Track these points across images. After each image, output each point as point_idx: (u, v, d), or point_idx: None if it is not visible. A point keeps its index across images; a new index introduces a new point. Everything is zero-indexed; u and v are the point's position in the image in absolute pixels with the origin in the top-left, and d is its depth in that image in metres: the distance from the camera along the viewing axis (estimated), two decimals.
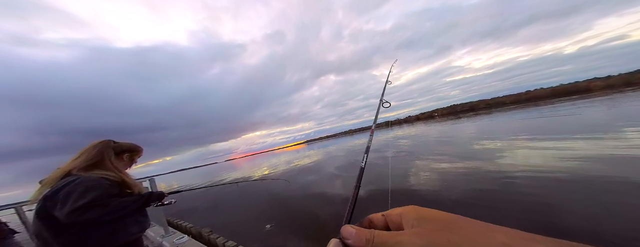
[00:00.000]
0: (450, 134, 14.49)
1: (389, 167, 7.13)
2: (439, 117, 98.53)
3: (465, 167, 5.24)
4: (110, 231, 0.96)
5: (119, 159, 1.14)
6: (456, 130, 16.65)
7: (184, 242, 2.10)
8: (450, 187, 4.01)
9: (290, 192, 5.90)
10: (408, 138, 16.48)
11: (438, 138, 13.20)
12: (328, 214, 3.73)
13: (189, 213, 5.61)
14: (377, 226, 0.17)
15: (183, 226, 3.07)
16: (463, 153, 7.00)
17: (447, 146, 9.18)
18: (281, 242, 2.78)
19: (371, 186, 5.02)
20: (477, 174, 4.46)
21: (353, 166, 9.07)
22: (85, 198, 0.86)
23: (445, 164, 6.06)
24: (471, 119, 28.43)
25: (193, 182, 18.02)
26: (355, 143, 23.59)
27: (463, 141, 10.10)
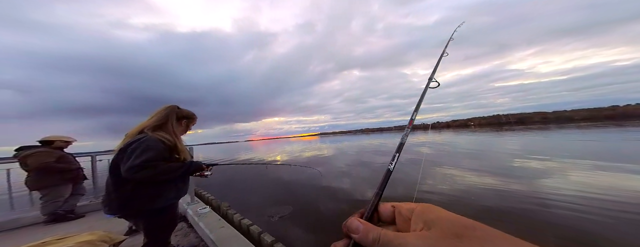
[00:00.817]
0: (486, 146, 12.92)
1: (420, 169, 6.74)
2: (475, 127, 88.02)
3: (495, 183, 4.69)
4: (153, 193, 1.12)
5: (178, 124, 1.28)
6: (494, 143, 14.81)
7: (206, 213, 2.36)
8: (472, 200, 3.69)
9: (317, 183, 5.88)
10: (432, 145, 15.23)
11: (469, 149, 11.90)
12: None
13: (208, 186, 6.29)
14: (383, 216, 0.16)
15: (205, 196, 3.46)
16: (497, 168, 6.28)
17: (479, 159, 8.28)
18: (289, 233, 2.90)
19: (387, 190, 4.84)
20: (509, 192, 3.99)
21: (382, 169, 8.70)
22: (141, 158, 1.00)
23: (472, 176, 5.50)
24: (518, 133, 24.59)
25: (218, 157, 20.08)
26: (373, 144, 22.71)
27: (500, 155, 8.94)
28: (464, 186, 4.72)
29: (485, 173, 5.71)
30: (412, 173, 6.37)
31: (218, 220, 2.25)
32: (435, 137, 26.95)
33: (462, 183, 4.95)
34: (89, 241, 1.57)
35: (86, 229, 2.05)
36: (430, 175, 6.11)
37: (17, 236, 2.08)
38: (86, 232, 1.75)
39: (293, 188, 5.48)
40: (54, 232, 2.10)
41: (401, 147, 0.31)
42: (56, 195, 2.33)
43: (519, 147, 11.68)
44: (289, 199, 4.47)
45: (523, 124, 73.43)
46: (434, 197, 4.01)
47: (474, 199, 3.74)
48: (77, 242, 1.52)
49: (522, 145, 12.35)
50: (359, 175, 6.95)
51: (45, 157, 2.29)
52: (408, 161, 8.79)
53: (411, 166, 7.58)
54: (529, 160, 7.31)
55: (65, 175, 2.44)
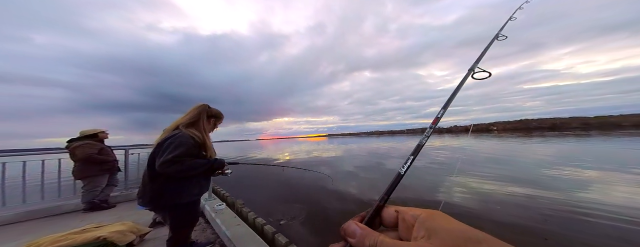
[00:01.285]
0: (511, 152, 11.84)
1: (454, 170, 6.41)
2: (499, 132, 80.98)
3: (521, 193, 4.33)
4: (180, 188, 1.19)
5: (208, 122, 1.36)
6: (521, 149, 13.51)
7: (222, 209, 2.44)
8: (492, 211, 3.43)
9: (326, 187, 5.79)
10: (448, 150, 14.36)
11: (491, 155, 11.03)
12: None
13: (221, 183, 6.52)
14: (386, 221, 0.15)
15: (221, 193, 3.59)
16: (522, 177, 5.75)
17: (502, 165, 7.62)
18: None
19: (395, 194, 4.67)
20: (537, 204, 3.65)
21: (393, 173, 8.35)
22: (173, 153, 1.08)
23: (492, 185, 5.13)
24: (550, 139, 22.09)
25: (232, 154, 20.73)
26: (385, 146, 21.99)
27: (528, 162, 8.17)
28: (478, 194, 4.40)
29: (511, 181, 5.27)
30: (434, 177, 6.08)
31: (234, 217, 2.32)
32: (452, 141, 25.50)
33: (477, 191, 4.62)
34: (120, 231, 1.71)
35: (117, 219, 2.23)
36: (443, 179, 5.79)
37: (60, 222, 2.32)
38: (117, 222, 1.90)
39: (302, 190, 5.49)
40: (90, 220, 2.31)
41: (418, 150, 0.28)
42: (95, 185, 2.56)
43: (552, 153, 10.67)
44: (297, 200, 4.48)
45: (557, 130, 64.26)
46: (437, 204, 3.78)
47: (493, 210, 3.46)
48: (110, 232, 1.66)
49: (557, 152, 11.21)
50: (370, 178, 6.79)
51: (89, 149, 2.54)
52: (427, 164, 8.41)
53: (421, 171, 7.24)
54: (565, 167, 6.63)
55: (103, 166, 2.68)
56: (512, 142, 18.91)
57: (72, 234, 1.62)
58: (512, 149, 13.74)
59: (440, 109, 0.40)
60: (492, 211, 3.48)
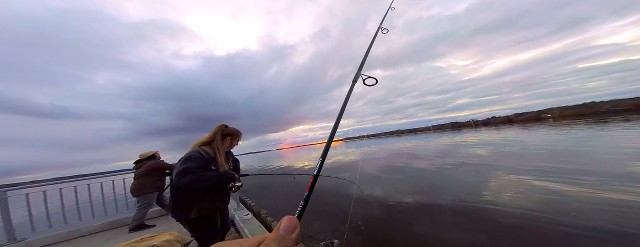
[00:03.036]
0: (582, 143, 9.33)
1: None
2: (556, 119, 65.68)
3: (609, 198, 3.47)
4: (189, 202, 1.31)
5: (223, 141, 1.50)
6: (595, 139, 10.60)
7: (249, 218, 2.68)
8: (566, 216, 2.91)
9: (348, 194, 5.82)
10: (489, 145, 12.48)
11: (552, 148, 9.01)
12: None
13: (244, 192, 6.87)
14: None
15: (248, 202, 3.91)
16: (607, 174, 4.57)
17: (573, 160, 6.17)
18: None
19: (422, 197, 4.32)
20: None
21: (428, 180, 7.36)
22: (183, 165, 1.24)
23: (560, 184, 4.31)
24: (635, 123, 16.87)
25: (255, 165, 21.81)
26: (407, 146, 20.38)
27: (610, 156, 6.36)
28: (541, 194, 3.78)
29: (589, 180, 4.35)
30: (442, 176, 5.48)
31: (259, 227, 2.52)
32: (493, 135, 22.27)
33: (539, 190, 3.97)
34: (169, 240, 2.04)
35: (166, 229, 2.64)
36: (489, 176, 5.13)
37: (121, 233, 2.83)
38: (166, 231, 2.27)
39: (323, 198, 5.37)
40: (148, 230, 2.79)
41: (326, 153, 0.35)
42: (148, 203, 3.00)
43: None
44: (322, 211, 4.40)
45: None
46: (486, 207, 3.34)
47: (568, 215, 2.93)
48: (161, 240, 1.99)
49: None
50: (393, 181, 6.45)
51: (158, 163, 3.11)
52: (461, 165, 7.61)
53: (458, 171, 6.53)
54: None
55: (158, 182, 3.12)
56: (571, 132, 15.36)
57: (135, 243, 2.01)
58: (562, 140, 11.19)
59: (334, 122, 0.48)
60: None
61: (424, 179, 6.21)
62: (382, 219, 3.60)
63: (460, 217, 3.29)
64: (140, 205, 2.92)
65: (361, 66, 0.74)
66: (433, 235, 2.87)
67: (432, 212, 3.69)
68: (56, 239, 2.66)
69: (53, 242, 2.64)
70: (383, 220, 3.57)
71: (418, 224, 3.28)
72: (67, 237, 2.73)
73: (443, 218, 3.36)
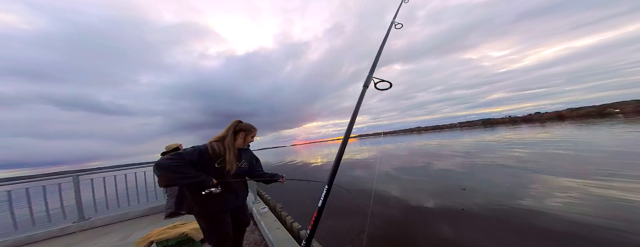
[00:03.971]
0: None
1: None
2: (628, 115, 54.33)
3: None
4: (192, 201, 1.30)
5: (236, 137, 1.49)
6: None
7: (265, 212, 2.82)
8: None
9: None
10: (533, 145, 10.75)
11: (623, 151, 7.34)
12: None
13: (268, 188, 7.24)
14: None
15: (265, 196, 4.12)
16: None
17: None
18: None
19: (440, 200, 4.02)
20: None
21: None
22: (176, 152, 1.24)
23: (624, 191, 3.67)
24: None
25: (270, 161, 22.24)
26: (428, 145, 18.90)
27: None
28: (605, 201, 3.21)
29: None
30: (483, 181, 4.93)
31: (274, 221, 2.64)
32: (540, 133, 19.42)
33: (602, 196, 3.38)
34: (196, 228, 2.26)
35: (191, 218, 2.95)
36: (538, 180, 4.53)
37: (159, 219, 3.23)
38: (193, 221, 2.52)
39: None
40: (180, 219, 3.15)
41: (338, 161, 0.30)
42: (175, 193, 3.28)
43: None
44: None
45: None
46: (539, 211, 2.95)
47: None
48: (190, 228, 2.22)
49: None
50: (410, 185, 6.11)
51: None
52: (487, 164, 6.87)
53: (503, 173, 5.88)
54: None
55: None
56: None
57: (169, 229, 2.27)
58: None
59: (348, 122, 0.45)
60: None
61: (448, 181, 5.75)
62: (402, 225, 3.46)
63: (489, 224, 2.98)
64: (168, 194, 3.26)
65: (373, 69, 0.67)
66: (458, 240, 2.66)
67: (458, 217, 3.42)
68: (111, 220, 3.19)
69: (109, 223, 3.17)
70: (403, 226, 3.44)
71: (443, 229, 3.08)
72: (119, 220, 3.24)
73: (470, 223, 3.09)
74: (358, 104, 0.50)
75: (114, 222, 3.20)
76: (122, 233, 2.77)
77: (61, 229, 2.84)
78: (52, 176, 3.00)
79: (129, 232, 2.78)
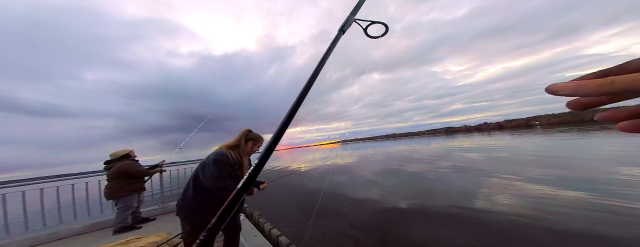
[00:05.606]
0: (570, 150, 9.89)
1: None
2: (544, 127, 69.30)
3: (588, 199, 3.68)
4: (207, 206, 1.31)
5: (246, 145, 1.54)
6: (583, 146, 11.18)
7: (242, 219, 2.61)
8: (553, 218, 3.04)
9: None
10: (481, 151, 12.90)
11: (541, 154, 9.50)
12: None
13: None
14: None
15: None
16: (591, 179, 4.87)
17: (558, 167, 6.47)
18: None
19: (413, 201, 4.37)
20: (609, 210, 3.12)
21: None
22: (216, 169, 1.27)
23: (547, 187, 4.51)
24: (613, 131, 18.39)
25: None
26: (401, 151, 20.69)
27: (595, 162, 6.76)
28: (531, 199, 3.89)
29: (574, 184, 4.53)
30: (440, 181, 5.58)
31: (251, 228, 2.46)
32: (486, 140, 22.98)
33: (528, 195, 4.10)
34: (156, 242, 1.95)
35: (155, 230, 2.54)
36: (480, 184, 5.24)
37: (105, 236, 2.69)
38: (154, 234, 2.18)
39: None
40: (135, 232, 2.67)
41: (267, 157, 0.24)
42: (127, 205, 2.79)
43: (633, 149, 8.42)
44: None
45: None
46: (479, 209, 3.40)
47: (555, 218, 3.02)
48: (148, 242, 1.91)
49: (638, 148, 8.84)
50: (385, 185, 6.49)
51: (123, 166, 2.81)
52: (454, 168, 7.77)
53: (451, 176, 6.66)
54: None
55: (134, 185, 2.88)
56: (559, 139, 16.35)
57: (119, 245, 1.91)
58: (550, 146, 11.94)
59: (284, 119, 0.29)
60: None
61: (416, 183, 6.28)
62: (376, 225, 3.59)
63: (452, 220, 3.33)
64: (119, 207, 2.76)
65: (359, 5, 0.41)
66: (424, 236, 2.88)
67: (424, 214, 3.72)
68: (33, 241, 2.50)
69: (29, 246, 2.48)
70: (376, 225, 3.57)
71: (412, 227, 3.29)
72: (45, 240, 2.57)
73: (435, 221, 3.39)
74: (329, 49, 0.36)
75: (36, 244, 2.52)
76: None
77: None
78: None
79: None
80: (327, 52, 0.38)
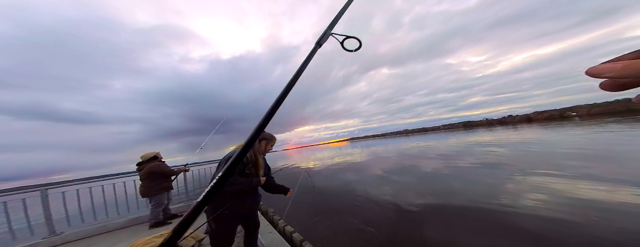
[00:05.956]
0: (620, 144, 8.63)
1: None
2: (583, 118, 60.53)
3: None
4: (221, 201, 1.41)
5: (260, 145, 1.64)
6: (630, 139, 9.77)
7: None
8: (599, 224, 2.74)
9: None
10: (506, 146, 11.83)
11: (581, 148, 8.47)
12: None
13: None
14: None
15: None
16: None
17: (604, 162, 5.67)
18: None
19: (425, 199, 4.23)
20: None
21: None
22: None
23: (588, 184, 4.09)
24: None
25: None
26: (416, 148, 19.78)
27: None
28: (569, 200, 3.58)
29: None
30: (456, 178, 5.30)
31: (267, 225, 2.63)
32: (511, 135, 21.14)
33: (564, 195, 3.78)
34: (185, 237, 2.20)
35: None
36: (506, 180, 4.93)
37: (141, 230, 3.06)
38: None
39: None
40: (166, 228, 3.01)
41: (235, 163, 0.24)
42: (159, 202, 3.13)
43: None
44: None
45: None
46: (506, 210, 3.23)
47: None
48: None
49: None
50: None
51: (154, 167, 3.16)
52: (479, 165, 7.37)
53: (470, 172, 6.32)
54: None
55: (164, 184, 3.22)
56: (601, 131, 14.52)
57: (155, 238, 2.19)
58: (592, 138, 10.66)
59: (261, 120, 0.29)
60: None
61: (431, 182, 6.08)
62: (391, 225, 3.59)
63: (475, 222, 3.21)
64: (152, 205, 3.10)
65: (336, 19, 0.44)
66: (444, 239, 2.84)
67: (439, 215, 3.63)
68: (87, 233, 2.95)
69: (86, 236, 2.93)
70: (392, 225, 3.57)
71: (428, 228, 3.25)
72: (97, 232, 3.01)
73: (451, 223, 3.30)
74: (305, 61, 0.35)
75: (91, 235, 2.97)
76: (101, 246, 2.59)
77: (29, 246, 2.58)
78: (14, 191, 2.71)
79: (110, 244, 2.60)
80: (303, 65, 0.37)
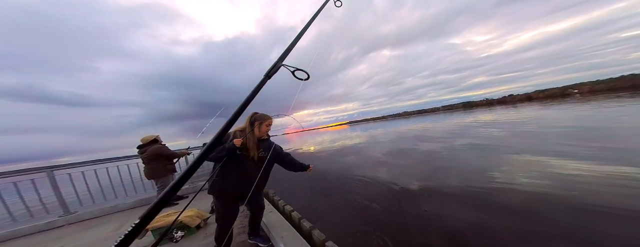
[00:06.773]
0: (615, 120, 8.67)
1: (454, 160, 5.66)
2: (585, 95, 60.15)
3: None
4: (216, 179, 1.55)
5: (252, 127, 1.65)
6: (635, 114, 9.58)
7: None
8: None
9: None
10: (504, 125, 11.90)
11: (572, 126, 8.54)
12: None
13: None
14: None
15: None
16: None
17: (594, 140, 5.73)
18: None
19: (421, 182, 4.40)
20: None
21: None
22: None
23: (576, 162, 4.19)
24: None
25: None
26: (416, 129, 19.86)
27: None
28: (561, 176, 3.65)
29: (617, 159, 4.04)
30: (456, 161, 5.46)
31: (267, 204, 2.78)
32: (511, 114, 21.04)
33: (558, 172, 3.83)
34: (190, 216, 2.34)
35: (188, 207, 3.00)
36: (503, 161, 5.07)
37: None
38: (187, 209, 2.59)
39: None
40: (172, 207, 3.19)
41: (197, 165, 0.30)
42: (164, 184, 3.25)
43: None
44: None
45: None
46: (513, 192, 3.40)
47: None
48: (185, 216, 2.29)
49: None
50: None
51: (157, 149, 3.21)
52: (469, 146, 7.50)
53: (468, 153, 6.46)
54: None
55: (168, 166, 3.33)
56: (601, 108, 14.05)
57: (163, 217, 2.33)
58: (593, 116, 10.23)
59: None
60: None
61: (426, 163, 6.26)
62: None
63: (466, 200, 3.40)
64: (159, 187, 3.25)
65: (287, 51, 0.47)
66: (438, 214, 3.04)
67: (435, 192, 3.83)
68: (100, 213, 3.15)
69: (98, 216, 3.14)
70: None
71: (424, 204, 3.45)
72: (109, 212, 3.22)
73: (446, 198, 3.49)
74: (251, 94, 0.38)
75: (103, 214, 3.17)
76: (113, 224, 2.78)
77: (47, 223, 2.78)
78: (22, 173, 2.81)
79: (121, 223, 2.80)
80: (252, 95, 0.39)
